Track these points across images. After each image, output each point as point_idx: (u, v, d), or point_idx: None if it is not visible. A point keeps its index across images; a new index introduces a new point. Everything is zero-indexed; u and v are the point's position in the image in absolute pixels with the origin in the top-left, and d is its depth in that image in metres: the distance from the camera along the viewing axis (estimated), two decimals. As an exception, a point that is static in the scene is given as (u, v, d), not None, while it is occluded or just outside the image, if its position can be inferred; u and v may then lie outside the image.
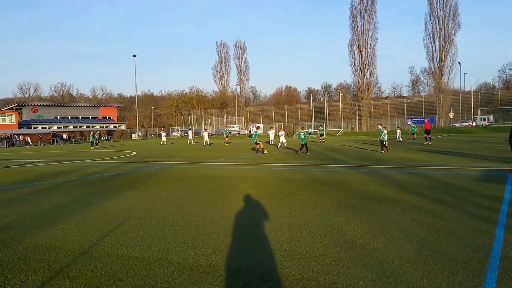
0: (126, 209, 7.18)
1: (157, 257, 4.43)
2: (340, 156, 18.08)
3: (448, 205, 6.56)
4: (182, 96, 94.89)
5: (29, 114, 78.40)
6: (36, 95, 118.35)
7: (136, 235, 5.38)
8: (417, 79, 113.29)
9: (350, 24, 67.34)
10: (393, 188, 8.51)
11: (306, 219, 5.94)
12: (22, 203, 8.07)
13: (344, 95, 74.38)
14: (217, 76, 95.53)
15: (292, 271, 3.85)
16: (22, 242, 5.19)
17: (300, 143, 20.78)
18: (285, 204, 7.09)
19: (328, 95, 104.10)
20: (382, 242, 4.65)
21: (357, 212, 6.27)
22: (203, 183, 10.31)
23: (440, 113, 61.48)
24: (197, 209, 6.96)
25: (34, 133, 64.35)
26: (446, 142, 28.08)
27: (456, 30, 60.88)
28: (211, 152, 24.64)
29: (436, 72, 63.37)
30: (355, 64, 67.43)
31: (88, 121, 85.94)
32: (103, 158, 22.43)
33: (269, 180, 10.55)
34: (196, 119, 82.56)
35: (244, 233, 5.30)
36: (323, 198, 7.54)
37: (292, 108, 74.58)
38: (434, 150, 19.43)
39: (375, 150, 21.18)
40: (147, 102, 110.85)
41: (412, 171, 11.46)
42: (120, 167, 16.08)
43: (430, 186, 8.68)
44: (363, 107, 66.57)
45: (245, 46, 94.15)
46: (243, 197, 8.01)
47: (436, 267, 3.82)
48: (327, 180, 10.14)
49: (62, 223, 6.21)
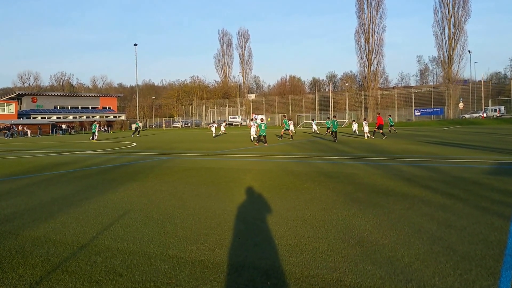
0: (126, 201, 7.05)
1: (158, 252, 4.31)
2: (345, 148, 17.92)
3: (459, 200, 6.40)
4: (183, 86, 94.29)
5: (28, 104, 78.03)
6: (36, 85, 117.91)
7: (137, 228, 5.26)
8: (426, 68, 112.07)
9: (356, 12, 65.95)
10: (401, 181, 8.35)
11: (311, 213, 5.80)
12: (21, 195, 7.94)
13: (350, 85, 73.43)
14: (219, 66, 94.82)
15: (298, 268, 3.72)
16: (20, 235, 5.07)
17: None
18: (289, 198, 6.95)
19: (333, 85, 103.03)
20: (390, 238, 4.52)
21: (364, 206, 6.12)
22: (205, 175, 10.17)
23: (449, 104, 60.41)
24: (198, 202, 6.83)
25: (33, 123, 64.11)
26: (456, 133, 27.82)
27: (466, 17, 59.79)
28: (213, 143, 24.49)
29: (445, 61, 62.08)
30: (362, 53, 66.01)
31: (88, 111, 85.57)
32: (103, 149, 22.30)
33: (272, 172, 10.41)
34: (198, 109, 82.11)
35: (247, 228, 5.17)
36: (329, 192, 7.38)
37: (296, 98, 73.98)
38: (443, 142, 19.22)
39: (381, 142, 21.01)
40: (148, 92, 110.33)
41: (420, 164, 11.27)
42: (120, 158, 15.95)
43: (439, 179, 8.49)
44: (369, 98, 65.36)
45: (249, 35, 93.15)
46: (246, 190, 7.88)
47: (448, 265, 3.69)
48: (332, 172, 9.98)
49: (61, 216, 6.09)
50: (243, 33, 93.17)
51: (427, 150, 15.37)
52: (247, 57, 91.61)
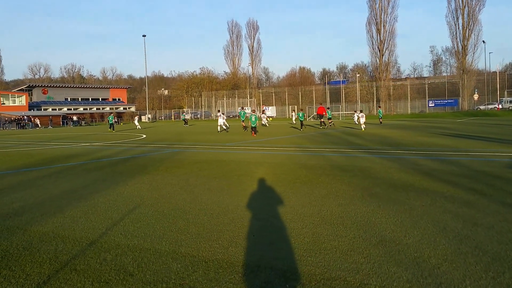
0: (136, 195, 6.89)
1: (169, 250, 4.13)
2: (358, 140, 17.57)
3: (483, 195, 6.10)
4: (192, 78, 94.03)
5: (39, 96, 78.57)
6: (46, 76, 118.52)
7: (147, 224, 5.09)
8: (439, 59, 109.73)
9: (368, 1, 64.74)
10: (420, 175, 8.03)
11: (328, 209, 5.56)
12: (30, 188, 7.84)
13: (361, 76, 72.27)
14: (229, 57, 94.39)
15: (317, 269, 3.51)
16: (28, 231, 4.94)
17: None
18: (304, 192, 6.72)
19: (344, 76, 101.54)
20: (414, 237, 4.27)
21: (384, 202, 5.85)
22: (216, 168, 9.98)
23: (463, 95, 59.05)
24: (210, 196, 6.64)
25: (44, 114, 64.53)
26: (472, 125, 27.18)
27: (480, 7, 58.18)
28: (223, 135, 24.31)
29: (459, 51, 60.65)
30: (373, 44, 64.82)
31: (98, 103, 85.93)
32: (113, 141, 22.27)
33: (285, 165, 10.17)
34: (207, 100, 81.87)
35: (261, 224, 4.97)
36: (345, 186, 7.12)
37: (306, 89, 73.23)
38: (459, 135, 18.76)
39: (395, 135, 20.62)
40: (157, 84, 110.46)
41: (438, 157, 10.92)
42: (130, 150, 15.85)
43: (460, 173, 8.16)
44: (381, 89, 64.23)
45: (258, 26, 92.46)
46: (258, 184, 7.66)
47: (478, 267, 3.45)
48: (347, 166, 9.69)
49: (70, 210, 5.95)
50: (252, 24, 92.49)
51: (444, 143, 14.96)
52: (257, 48, 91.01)
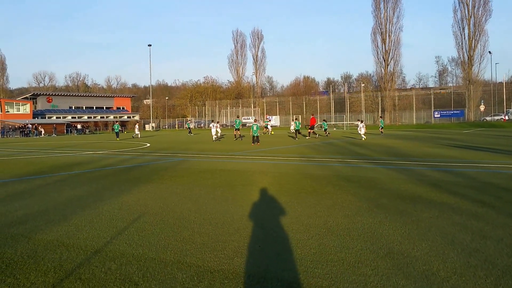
0: (141, 204, 6.87)
1: (175, 259, 4.09)
2: (363, 151, 17.50)
3: (492, 208, 6.03)
4: (196, 87, 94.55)
5: (43, 104, 79.12)
6: (51, 85, 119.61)
7: (152, 233, 5.06)
8: (444, 69, 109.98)
9: (373, 11, 65.34)
10: (427, 186, 7.96)
11: (334, 220, 5.51)
12: (34, 196, 7.84)
13: (366, 86, 72.19)
14: (233, 66, 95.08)
15: (325, 281, 3.46)
16: (32, 239, 4.92)
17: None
18: (309, 203, 6.67)
19: (348, 86, 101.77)
20: (422, 249, 4.21)
21: (391, 213, 5.80)
22: (220, 177, 9.96)
23: (470, 106, 58.88)
24: (215, 206, 6.61)
25: (48, 123, 64.90)
26: (478, 136, 27.03)
27: (487, 17, 58.47)
28: (227, 144, 24.32)
29: (465, 61, 60.66)
30: (378, 53, 65.22)
31: (102, 111, 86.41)
32: (117, 149, 22.31)
33: (290, 175, 10.13)
34: (211, 110, 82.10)
35: (267, 235, 4.93)
36: (351, 197, 7.07)
37: (311, 99, 73.25)
38: (466, 146, 18.63)
39: (403, 146, 20.55)
40: (161, 92, 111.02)
41: (445, 168, 10.81)
42: (134, 159, 15.86)
43: (468, 185, 8.08)
44: (386, 99, 64.19)
45: (262, 35, 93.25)
46: (263, 194, 7.63)
47: (488, 280, 3.39)
48: (352, 176, 9.63)
49: (75, 218, 5.93)
50: (257, 33, 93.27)
51: (450, 154, 14.88)
52: (261, 58, 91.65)
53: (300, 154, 16.47)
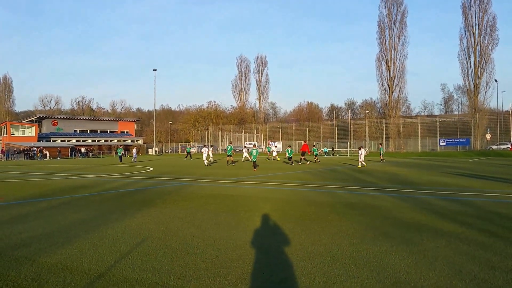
0: (144, 228, 6.85)
1: (178, 285, 4.07)
2: (367, 178, 17.44)
3: (499, 238, 5.97)
4: (200, 111, 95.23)
5: (49, 127, 79.78)
6: (56, 108, 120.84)
7: (155, 258, 5.03)
8: (450, 97, 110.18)
9: (377, 38, 66.10)
10: (433, 215, 7.90)
11: (338, 248, 5.46)
12: (38, 219, 7.83)
13: (370, 112, 72.19)
14: (236, 91, 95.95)
15: (330, 310, 3.42)
16: (36, 262, 4.90)
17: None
18: (313, 230, 6.62)
19: (352, 112, 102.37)
20: (430, 280, 4.15)
21: (397, 242, 5.74)
22: (223, 203, 9.94)
23: (475, 134, 58.55)
24: (218, 231, 6.58)
25: (53, 146, 65.23)
26: (485, 165, 26.91)
27: (493, 45, 58.94)
28: (230, 170, 24.32)
29: (471, 90, 60.78)
30: (383, 80, 65.49)
31: (106, 135, 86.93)
32: (120, 173, 22.34)
33: (293, 202, 10.09)
34: (214, 134, 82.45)
35: (271, 262, 4.89)
36: (355, 225, 7.02)
37: (314, 125, 73.39)
38: (472, 175, 18.53)
39: (404, 173, 20.48)
40: (165, 117, 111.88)
41: (450, 197, 10.76)
42: (137, 183, 15.87)
43: (474, 214, 8.01)
44: (390, 126, 64.02)
45: (266, 61, 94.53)
46: (266, 220, 7.59)
47: (497, 313, 3.34)
48: (357, 204, 9.58)
49: (79, 241, 5.92)
50: (261, 59, 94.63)
51: (456, 182, 14.78)
52: (264, 83, 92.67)
53: (302, 180, 16.43)
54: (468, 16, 60.25)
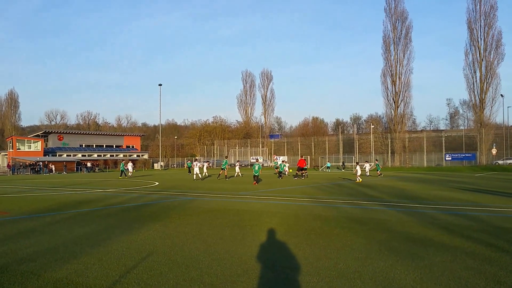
0: (149, 243, 6.85)
1: (183, 300, 4.05)
2: (373, 192, 17.36)
3: (506, 252, 5.92)
4: (205, 126, 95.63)
5: (54, 142, 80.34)
6: (62, 123, 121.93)
7: (161, 273, 5.03)
8: (456, 112, 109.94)
9: (383, 53, 65.82)
10: (439, 230, 7.84)
11: (344, 263, 5.43)
12: (44, 234, 7.86)
13: (375, 127, 71.92)
14: (242, 106, 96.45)
15: (336, 325, 3.39)
16: (42, 276, 4.91)
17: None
18: (319, 245, 6.59)
19: (357, 127, 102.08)
20: (436, 295, 4.13)
21: (402, 257, 5.70)
22: (229, 217, 9.92)
23: (481, 149, 57.84)
24: (223, 246, 6.57)
25: (59, 160, 65.56)
26: (491, 180, 26.70)
27: (499, 60, 58.46)
28: (235, 184, 24.30)
29: (477, 104, 60.32)
30: (388, 95, 65.18)
31: (112, 150, 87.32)
32: (126, 188, 22.39)
33: (299, 216, 10.04)
34: (219, 149, 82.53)
35: (276, 277, 4.87)
36: (361, 239, 6.98)
37: (319, 140, 73.31)
38: (478, 189, 18.37)
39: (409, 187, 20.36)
40: (170, 132, 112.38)
41: (456, 212, 10.68)
42: (143, 197, 15.89)
43: (480, 229, 7.95)
44: (396, 141, 63.57)
45: (272, 76, 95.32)
46: (272, 234, 7.57)
47: (505, 329, 3.30)
48: (362, 218, 9.53)
49: (84, 256, 5.93)
50: (266, 74, 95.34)
51: (462, 197, 14.64)
52: (270, 98, 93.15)
53: (307, 194, 16.38)
54: (473, 31, 60.14)
